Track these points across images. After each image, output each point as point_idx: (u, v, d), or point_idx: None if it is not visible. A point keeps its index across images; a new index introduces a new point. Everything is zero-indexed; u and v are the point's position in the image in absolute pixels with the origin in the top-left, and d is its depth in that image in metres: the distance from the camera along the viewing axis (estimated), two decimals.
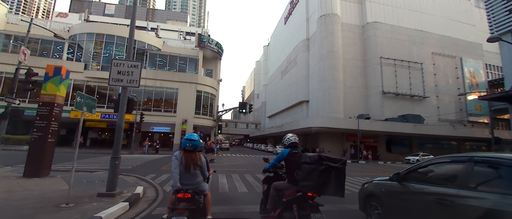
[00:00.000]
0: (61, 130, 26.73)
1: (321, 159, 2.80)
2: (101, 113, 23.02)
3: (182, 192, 2.93)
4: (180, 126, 24.43)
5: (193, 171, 3.07)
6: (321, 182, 2.72)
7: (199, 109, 26.27)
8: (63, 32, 25.97)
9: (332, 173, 2.76)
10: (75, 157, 4.95)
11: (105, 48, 24.64)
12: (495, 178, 2.51)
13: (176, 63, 26.99)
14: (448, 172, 3.10)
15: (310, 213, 2.82)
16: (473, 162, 2.63)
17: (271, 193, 3.40)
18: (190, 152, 3.13)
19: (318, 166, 2.76)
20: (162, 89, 25.45)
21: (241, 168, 12.24)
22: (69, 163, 11.47)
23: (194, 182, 3.09)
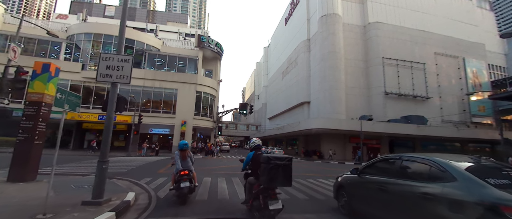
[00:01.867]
0: (56, 132, 26.17)
1: (269, 159, 3.60)
2: (98, 114, 22.49)
3: (183, 170, 5.34)
4: (179, 127, 23.88)
5: (187, 160, 5.69)
6: (271, 177, 3.55)
7: (199, 110, 25.72)
8: (61, 32, 25.62)
9: (280, 169, 3.58)
10: (54, 160, 4.39)
11: (103, 48, 24.15)
12: (413, 171, 3.53)
13: (176, 63, 26.49)
14: (386, 167, 4.05)
15: (268, 201, 3.60)
16: (401, 160, 3.74)
17: (249, 184, 4.31)
18: (184, 150, 5.74)
19: (268, 165, 3.55)
20: (161, 90, 24.92)
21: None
22: (62, 166, 10.92)
23: (188, 166, 5.60)
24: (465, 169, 2.91)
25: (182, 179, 5.15)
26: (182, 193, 5.05)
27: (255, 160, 4.15)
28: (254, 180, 4.19)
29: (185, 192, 5.07)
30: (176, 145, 23.31)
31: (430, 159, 3.31)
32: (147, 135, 25.46)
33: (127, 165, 12.25)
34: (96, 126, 24.99)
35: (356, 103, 33.27)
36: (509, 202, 2.35)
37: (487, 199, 2.48)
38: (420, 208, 3.06)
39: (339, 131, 27.64)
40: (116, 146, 25.01)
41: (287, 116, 46.97)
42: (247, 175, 4.64)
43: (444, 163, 3.10)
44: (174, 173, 5.45)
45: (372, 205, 3.98)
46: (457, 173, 2.88)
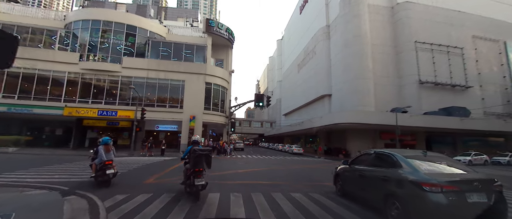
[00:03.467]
0: (57, 130, 24.22)
1: (195, 150, 5.43)
2: (98, 109, 20.27)
3: (107, 161, 6.60)
4: (188, 123, 21.38)
5: (110, 152, 6.90)
6: (195, 162, 5.38)
7: (209, 104, 23.11)
8: (59, 21, 23.61)
9: (202, 157, 5.48)
10: None
11: (102, 36, 21.84)
12: (382, 161, 5.07)
13: (182, 53, 23.96)
14: (365, 159, 5.79)
15: (195, 179, 5.33)
16: (375, 154, 5.52)
17: (185, 170, 5.98)
18: (107, 145, 6.96)
19: (194, 154, 5.41)
20: (167, 82, 22.47)
21: (264, 180, 8.66)
22: (37, 168, 8.43)
23: (111, 157, 6.82)
24: (409, 160, 4.41)
25: (107, 168, 6.48)
26: (108, 178, 6.50)
27: (190, 152, 5.67)
28: (188, 166, 5.72)
29: (111, 177, 6.57)
30: (185, 144, 20.90)
31: (390, 153, 4.96)
32: (154, 132, 23.14)
33: (119, 169, 9.66)
34: (97, 123, 22.93)
35: (385, 94, 29.71)
36: (425, 180, 3.80)
37: (414, 178, 3.96)
38: (382, 186, 4.59)
39: (368, 126, 24.35)
40: (120, 144, 22.88)
41: (305, 112, 43.76)
42: (186, 163, 6.01)
43: (396, 155, 4.71)
44: (96, 163, 6.62)
45: (356, 186, 5.71)
46: (403, 162, 4.43)
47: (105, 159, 6.56)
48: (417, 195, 3.77)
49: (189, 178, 5.53)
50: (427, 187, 3.67)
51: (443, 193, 3.56)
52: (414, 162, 4.29)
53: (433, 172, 4.03)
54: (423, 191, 3.69)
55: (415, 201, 3.79)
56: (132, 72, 21.76)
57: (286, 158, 21.95)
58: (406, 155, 4.63)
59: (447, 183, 3.66)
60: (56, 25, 22.63)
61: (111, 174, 6.53)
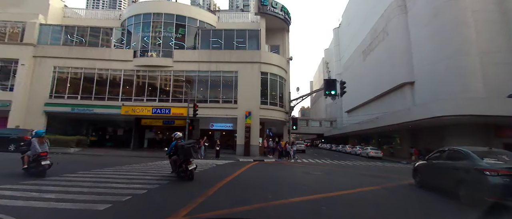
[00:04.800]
0: (118, 130, 25.06)
1: (182, 145, 7.03)
2: (152, 107, 19.61)
3: (42, 152, 6.82)
4: (243, 120, 19.13)
5: (44, 145, 7.13)
6: (185, 153, 6.94)
7: (266, 97, 20.42)
8: (115, 20, 24.13)
9: (190, 148, 7.03)
10: None
11: (153, 30, 21.17)
12: (454, 155, 6.50)
13: (233, 42, 21.69)
14: (440, 155, 7.15)
15: (188, 165, 6.99)
16: (448, 150, 6.92)
17: (173, 161, 7.54)
18: (41, 137, 7.20)
19: (182, 148, 6.96)
20: (219, 74, 20.65)
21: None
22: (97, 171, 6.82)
23: (45, 149, 7.02)
24: (474, 154, 5.82)
25: (43, 159, 6.74)
26: (43, 169, 6.74)
27: (176, 146, 7.36)
28: (177, 157, 7.34)
29: (47, 168, 6.83)
30: (241, 144, 18.72)
31: (460, 149, 6.36)
32: (208, 131, 21.72)
33: (156, 175, 7.52)
34: (154, 122, 22.60)
35: (497, 75, 22.18)
36: (485, 166, 5.27)
37: (477, 166, 5.41)
38: (454, 174, 6.07)
39: (479, 119, 18.07)
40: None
41: (375, 106, 37.50)
42: (170, 156, 7.71)
43: (465, 150, 6.13)
44: (30, 155, 6.82)
45: (433, 176, 7.23)
46: (469, 155, 5.87)
47: (40, 151, 6.83)
48: (480, 178, 5.20)
49: (180, 166, 7.17)
50: (488, 172, 5.11)
51: (499, 176, 5.01)
52: (478, 155, 5.74)
53: (492, 162, 5.44)
54: (484, 175, 5.12)
55: (478, 183, 5.24)
56: (183, 65, 20.56)
57: (370, 165, 17.87)
58: (472, 150, 6.07)
59: (502, 168, 5.15)
60: (113, 24, 23.01)
61: (46, 165, 6.84)
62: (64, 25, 21.92)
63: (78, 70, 20.54)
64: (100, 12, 26.04)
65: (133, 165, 10.72)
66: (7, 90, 19.28)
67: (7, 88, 19.43)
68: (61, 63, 20.41)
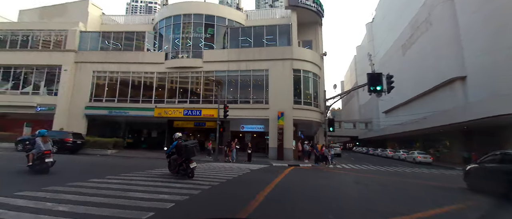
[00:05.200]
0: (152, 132, 25.62)
1: (186, 145, 7.57)
2: (183, 109, 19.55)
3: (46, 151, 7.44)
4: (275, 122, 18.13)
5: (48, 143, 7.73)
6: (188, 152, 7.49)
7: (299, 96, 19.19)
8: (149, 25, 24.80)
9: (193, 148, 7.60)
10: None
11: (183, 31, 21.22)
12: (506, 158, 6.93)
13: (263, 38, 20.87)
14: (493, 158, 7.53)
15: (189, 164, 7.57)
16: (500, 154, 7.27)
17: (173, 160, 8.04)
18: (44, 137, 7.76)
19: (185, 147, 7.51)
20: (248, 73, 19.93)
21: None
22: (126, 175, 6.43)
23: (49, 147, 7.66)
24: None
25: (47, 156, 7.35)
26: (46, 166, 7.38)
27: (176, 147, 7.86)
28: (177, 156, 7.88)
29: (50, 166, 7.45)
30: (274, 147, 17.76)
31: (509, 152, 6.99)
32: (239, 133, 21.14)
33: (202, 180, 6.82)
34: (186, 124, 22.59)
35: None
36: None
37: None
38: (506, 176, 6.36)
39: None
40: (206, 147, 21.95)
41: (417, 105, 33.95)
42: (170, 156, 8.22)
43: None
44: (34, 153, 7.35)
45: (484, 178, 7.61)
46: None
47: (44, 149, 7.39)
48: None
49: (181, 165, 7.84)
50: None
51: None
52: None
53: None
54: None
55: None
56: (213, 65, 20.25)
57: (424, 172, 15.88)
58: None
59: None
60: (147, 29, 23.60)
61: (49, 163, 7.41)
62: (101, 31, 23.03)
63: (115, 74, 21.36)
64: (137, 18, 27.03)
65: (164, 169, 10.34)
66: (53, 95, 20.74)
67: (53, 92, 20.88)
68: (99, 67, 21.40)
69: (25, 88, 21.32)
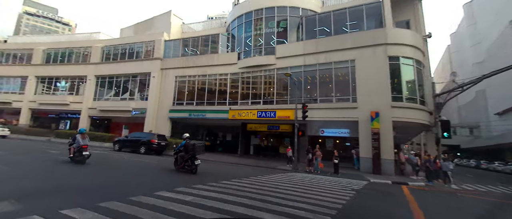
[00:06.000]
0: (227, 136, 25.83)
1: (193, 144, 9.33)
2: (257, 110, 18.55)
3: (84, 145, 9.35)
4: (366, 124, 14.82)
5: (86, 139, 9.66)
6: (194, 150, 9.16)
7: (398, 91, 15.27)
8: (222, 28, 25.32)
9: (196, 147, 9.30)
10: None
11: (255, 29, 20.35)
12: None
13: (346, 23, 17.72)
14: None
15: (194, 161, 9.03)
16: None
17: (180, 157, 9.41)
18: (83, 134, 9.77)
19: (192, 146, 9.21)
20: (329, 66, 17.23)
21: None
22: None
23: (86, 142, 9.56)
24: None
25: (84, 150, 9.15)
26: (83, 158, 9.16)
27: (185, 145, 9.34)
28: (184, 154, 9.29)
29: (86, 158, 9.25)
30: (367, 157, 14.59)
31: None
32: (318, 139, 18.65)
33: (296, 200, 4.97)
34: (259, 128, 21.66)
35: None
36: None
37: None
38: None
39: None
40: (282, 153, 20.56)
41: None
42: (178, 153, 9.62)
43: None
44: (74, 147, 9.20)
45: None
46: None
47: (82, 144, 9.22)
48: None
49: (187, 161, 9.23)
50: None
51: None
52: None
53: None
54: None
55: None
56: (287, 61, 18.51)
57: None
58: None
59: None
60: (221, 31, 24.04)
61: (86, 155, 9.25)
62: (181, 39, 24.73)
63: (193, 78, 22.40)
64: (212, 22, 28.18)
65: (259, 177, 9.50)
66: (144, 100, 23.36)
67: (144, 97, 23.52)
68: (180, 72, 22.88)
69: (124, 94, 24.88)
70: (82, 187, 5.82)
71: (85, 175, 7.47)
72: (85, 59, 27.04)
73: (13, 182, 5.78)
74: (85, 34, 30.86)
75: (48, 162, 9.47)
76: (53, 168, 8.30)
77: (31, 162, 9.05)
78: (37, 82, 27.99)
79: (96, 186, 5.98)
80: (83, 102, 25.23)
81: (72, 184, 6.07)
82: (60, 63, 27.72)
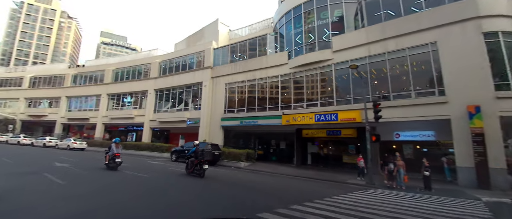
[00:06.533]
0: (281, 143, 24.12)
1: (203, 149, 10.39)
2: (314, 113, 16.73)
3: (117, 153, 10.96)
4: (462, 122, 11.67)
5: (119, 148, 11.42)
6: (203, 155, 10.10)
7: (504, 76, 11.63)
8: (268, 29, 24.51)
9: (206, 153, 10.42)
10: None
11: (305, 23, 18.75)
12: None
13: (416, 2, 14.61)
14: None
15: (202, 165, 9.91)
16: None
17: (190, 162, 10.66)
18: (117, 143, 11.60)
19: (201, 152, 10.23)
20: (402, 53, 14.46)
21: None
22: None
23: (119, 151, 11.19)
24: None
25: (117, 158, 10.50)
26: (115, 165, 10.50)
27: (195, 151, 10.37)
28: (194, 159, 10.31)
29: (118, 164, 10.56)
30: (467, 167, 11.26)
31: None
32: (392, 144, 15.77)
33: None
34: (317, 134, 19.66)
35: None
36: None
37: None
38: None
39: None
40: (346, 163, 18.11)
41: None
42: (189, 158, 10.79)
43: None
44: (109, 155, 10.75)
45: None
46: None
47: (115, 152, 10.61)
48: None
49: (197, 165, 10.16)
50: None
51: None
52: None
53: None
54: None
55: None
56: (346, 54, 16.30)
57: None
58: None
59: None
60: (268, 32, 23.17)
61: (118, 162, 10.51)
62: (229, 45, 24.67)
63: (242, 83, 21.92)
64: (258, 25, 27.54)
65: (335, 198, 7.62)
66: (197, 109, 23.88)
67: (198, 107, 24.07)
68: (229, 79, 22.71)
69: (179, 105, 26.00)
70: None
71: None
72: (146, 75, 29.47)
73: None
74: (145, 52, 33.90)
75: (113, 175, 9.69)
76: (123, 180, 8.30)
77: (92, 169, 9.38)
78: (108, 99, 31.72)
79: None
80: (145, 114, 27.34)
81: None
82: (126, 80, 30.87)
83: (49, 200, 5.41)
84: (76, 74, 35.40)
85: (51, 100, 36.13)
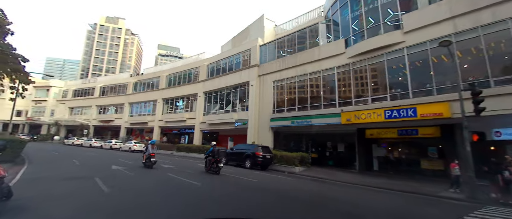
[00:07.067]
0: (338, 146, 21.01)
1: (219, 149, 12.43)
2: (383, 109, 14.09)
3: (152, 153, 12.34)
4: None
5: (155, 148, 13.13)
6: (219, 155, 11.82)
7: None
8: (320, 17, 22.43)
9: (220, 152, 12.45)
10: None
11: (365, 3, 16.18)
12: None
13: None
14: None
15: (218, 164, 11.50)
16: None
17: (208, 161, 12.01)
18: (153, 145, 13.17)
19: (217, 151, 11.92)
20: (502, 26, 10.99)
21: None
22: None
23: (155, 151, 12.74)
24: None
25: (152, 157, 11.92)
26: (151, 164, 11.92)
27: (212, 151, 11.80)
28: (212, 158, 11.63)
29: (153, 163, 12.02)
30: None
31: None
32: (490, 145, 12.15)
33: None
34: (384, 134, 16.78)
35: None
36: None
37: None
38: None
39: None
40: (425, 169, 14.89)
41: None
42: (207, 157, 12.05)
43: None
44: (146, 154, 12.11)
45: None
46: None
47: (151, 152, 11.96)
48: None
49: (213, 164, 11.53)
50: None
51: None
52: None
53: None
54: None
55: None
56: (423, 34, 13.28)
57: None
58: None
59: None
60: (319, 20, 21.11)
61: (153, 161, 11.96)
62: (276, 40, 23.31)
63: (292, 79, 20.31)
64: (305, 17, 25.56)
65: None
66: (245, 110, 23.11)
67: (245, 108, 23.31)
68: (277, 76, 21.34)
69: (227, 107, 25.70)
70: None
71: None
72: (196, 78, 30.25)
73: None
74: (194, 56, 35.07)
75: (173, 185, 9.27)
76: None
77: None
78: (163, 103, 33.65)
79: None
80: (196, 117, 27.92)
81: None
82: (178, 84, 32.27)
83: (75, 214, 4.73)
84: (136, 81, 38.75)
85: (117, 107, 40.32)
